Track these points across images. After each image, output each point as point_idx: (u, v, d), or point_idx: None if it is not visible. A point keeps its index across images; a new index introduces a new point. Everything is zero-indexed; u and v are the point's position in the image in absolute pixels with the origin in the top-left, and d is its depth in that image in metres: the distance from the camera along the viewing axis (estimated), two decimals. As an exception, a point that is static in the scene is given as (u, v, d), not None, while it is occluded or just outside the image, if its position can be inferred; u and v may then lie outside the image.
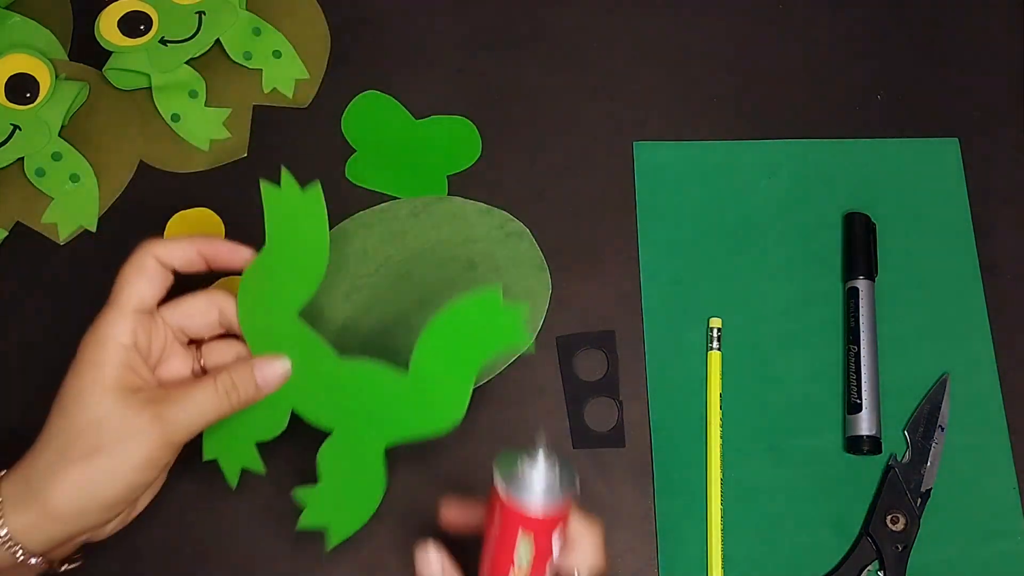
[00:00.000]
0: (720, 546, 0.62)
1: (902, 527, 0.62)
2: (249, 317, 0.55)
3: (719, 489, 0.63)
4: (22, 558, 0.50)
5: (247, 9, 0.72)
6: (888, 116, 0.72)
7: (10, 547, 0.50)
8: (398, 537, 0.62)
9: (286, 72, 0.72)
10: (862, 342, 0.65)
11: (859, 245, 0.67)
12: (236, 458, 0.57)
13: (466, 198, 0.68)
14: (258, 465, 0.57)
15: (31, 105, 0.68)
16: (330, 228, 0.70)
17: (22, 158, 0.68)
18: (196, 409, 0.52)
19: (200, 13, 0.70)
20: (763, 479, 0.64)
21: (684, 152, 0.71)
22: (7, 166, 0.68)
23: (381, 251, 0.68)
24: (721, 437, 0.64)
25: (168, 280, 0.54)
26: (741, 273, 0.68)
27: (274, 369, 0.54)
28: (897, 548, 0.61)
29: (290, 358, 0.55)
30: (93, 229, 0.68)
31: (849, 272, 0.67)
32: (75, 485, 0.50)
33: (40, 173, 0.68)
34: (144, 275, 0.53)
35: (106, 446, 0.50)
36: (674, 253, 0.68)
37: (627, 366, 0.66)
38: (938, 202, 0.70)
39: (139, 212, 0.69)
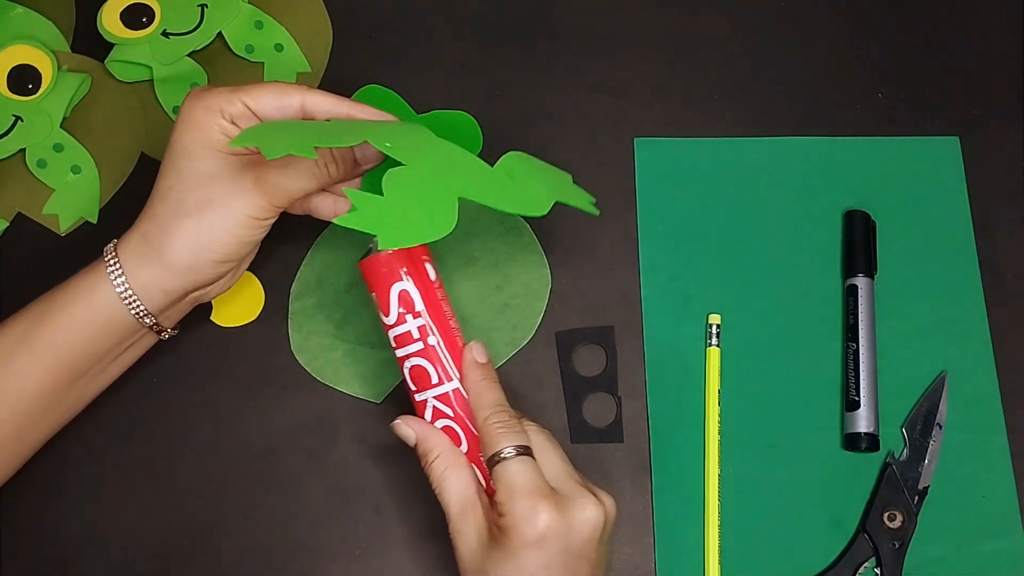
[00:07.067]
0: (717, 542, 0.62)
1: (899, 524, 0.62)
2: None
3: (717, 485, 0.63)
4: (140, 315, 0.55)
5: (249, 2, 0.72)
6: (889, 114, 0.72)
7: (130, 303, 0.54)
8: (398, 533, 0.63)
9: (288, 66, 0.72)
10: (861, 339, 0.65)
11: (859, 242, 0.67)
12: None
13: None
14: None
15: (33, 96, 0.68)
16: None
17: (23, 149, 0.68)
18: (296, 177, 0.55)
19: (202, 6, 0.70)
20: (761, 475, 0.64)
21: (685, 148, 0.71)
22: (8, 157, 0.68)
23: (381, 245, 0.68)
24: (719, 433, 0.64)
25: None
26: (741, 269, 0.68)
27: (374, 149, 0.56)
28: (894, 545, 0.62)
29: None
30: (94, 221, 0.68)
31: (848, 269, 0.67)
32: (189, 237, 0.54)
33: (41, 164, 0.68)
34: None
35: (215, 201, 0.54)
36: (674, 249, 0.68)
37: (626, 362, 0.66)
38: (938, 200, 0.70)
39: (140, 204, 0.68)
